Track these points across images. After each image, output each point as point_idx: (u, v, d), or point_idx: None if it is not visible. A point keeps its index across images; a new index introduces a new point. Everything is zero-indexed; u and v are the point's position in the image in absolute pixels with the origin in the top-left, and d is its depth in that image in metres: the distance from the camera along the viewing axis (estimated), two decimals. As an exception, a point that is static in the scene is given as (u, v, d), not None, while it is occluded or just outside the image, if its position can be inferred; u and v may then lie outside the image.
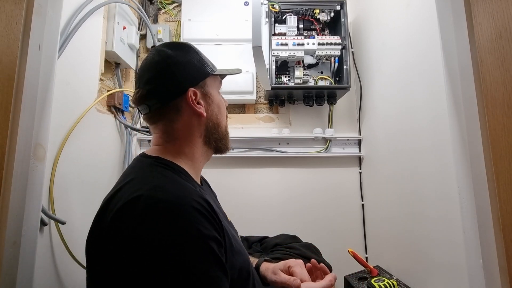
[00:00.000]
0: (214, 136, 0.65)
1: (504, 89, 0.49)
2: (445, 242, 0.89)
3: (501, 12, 0.50)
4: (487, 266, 0.54)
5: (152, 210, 0.45)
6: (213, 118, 0.64)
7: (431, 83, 0.95)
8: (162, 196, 0.47)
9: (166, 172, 0.56)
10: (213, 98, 0.65)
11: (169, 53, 0.60)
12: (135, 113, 1.48)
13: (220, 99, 0.68)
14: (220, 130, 0.66)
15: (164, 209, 0.45)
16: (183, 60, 0.61)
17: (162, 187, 0.49)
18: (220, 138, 0.66)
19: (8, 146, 0.52)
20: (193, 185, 0.56)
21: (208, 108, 0.63)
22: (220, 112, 0.66)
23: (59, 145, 0.91)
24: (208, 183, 0.80)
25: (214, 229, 0.48)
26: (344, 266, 1.20)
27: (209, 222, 0.47)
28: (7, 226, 0.52)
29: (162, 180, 0.52)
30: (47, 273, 0.86)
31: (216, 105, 0.65)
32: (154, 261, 0.42)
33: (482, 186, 0.54)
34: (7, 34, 0.53)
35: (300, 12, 1.44)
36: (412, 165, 1.07)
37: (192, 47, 0.65)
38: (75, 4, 0.98)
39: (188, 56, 0.62)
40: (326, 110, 1.58)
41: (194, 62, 0.61)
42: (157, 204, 0.46)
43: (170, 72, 0.59)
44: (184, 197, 0.48)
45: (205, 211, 0.48)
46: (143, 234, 0.44)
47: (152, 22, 1.64)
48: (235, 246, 0.55)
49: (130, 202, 0.47)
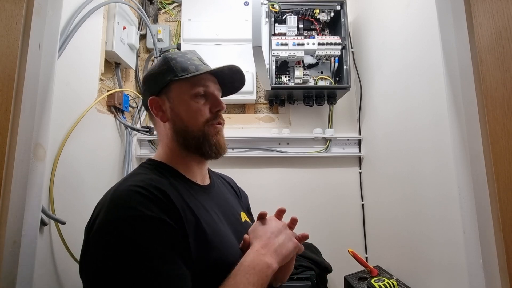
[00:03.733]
0: (185, 141, 0.64)
1: (504, 89, 0.49)
2: (445, 242, 0.89)
3: (501, 12, 0.50)
4: (487, 266, 0.54)
5: (107, 200, 0.52)
6: (178, 123, 0.64)
7: (431, 83, 0.95)
8: (118, 187, 0.54)
9: (144, 169, 0.63)
10: (176, 103, 0.64)
11: (151, 66, 0.70)
12: (135, 113, 1.48)
13: (189, 103, 0.64)
14: (189, 135, 0.63)
15: (113, 196, 0.52)
16: (153, 71, 0.67)
17: (125, 179, 0.57)
18: (191, 143, 0.64)
19: (8, 146, 0.52)
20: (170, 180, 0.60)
21: (172, 114, 0.65)
22: (189, 117, 0.63)
23: (59, 145, 0.91)
24: (228, 182, 0.83)
25: (162, 212, 0.50)
26: (344, 266, 1.20)
27: (155, 205, 0.50)
28: (7, 226, 0.52)
29: (132, 175, 0.60)
30: (47, 273, 0.86)
31: (184, 110, 0.64)
32: (101, 242, 0.48)
33: (482, 186, 0.54)
34: (7, 34, 0.53)
35: (300, 12, 1.44)
36: (412, 165, 1.07)
37: (166, 56, 0.67)
38: (75, 4, 0.98)
39: (158, 67, 0.67)
40: (326, 110, 1.58)
41: (158, 72, 0.66)
42: (112, 194, 0.53)
43: (143, 83, 0.70)
44: (132, 184, 0.53)
45: (151, 195, 0.51)
46: (99, 220, 0.50)
47: (152, 22, 1.64)
48: (212, 241, 0.55)
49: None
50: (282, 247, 0.59)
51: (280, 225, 0.63)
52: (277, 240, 0.59)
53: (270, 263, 0.55)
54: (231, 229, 0.64)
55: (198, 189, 0.65)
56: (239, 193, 0.84)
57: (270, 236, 0.60)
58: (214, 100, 0.66)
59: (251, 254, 0.56)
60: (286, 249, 0.59)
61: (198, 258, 0.52)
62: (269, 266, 0.55)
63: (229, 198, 0.76)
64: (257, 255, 0.56)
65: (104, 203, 0.52)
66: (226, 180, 0.84)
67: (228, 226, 0.63)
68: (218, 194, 0.71)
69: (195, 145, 0.64)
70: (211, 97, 0.66)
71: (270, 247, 0.58)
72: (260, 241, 0.59)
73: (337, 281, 1.34)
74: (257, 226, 0.63)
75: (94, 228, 0.49)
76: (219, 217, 0.63)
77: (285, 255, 0.58)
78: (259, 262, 0.55)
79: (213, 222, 0.59)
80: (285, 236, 0.61)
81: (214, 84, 0.68)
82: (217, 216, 0.63)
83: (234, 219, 0.68)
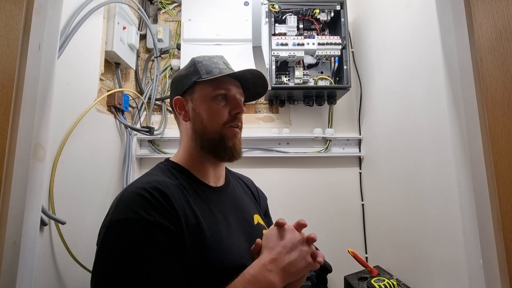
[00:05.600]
0: (203, 142, 0.65)
1: (504, 89, 0.49)
2: (445, 242, 0.89)
3: (501, 12, 0.50)
4: (487, 266, 0.54)
5: (116, 201, 0.55)
6: (197, 123, 0.66)
7: (431, 83, 0.95)
8: (128, 188, 0.56)
9: (158, 170, 0.65)
10: (198, 104, 0.66)
11: (179, 70, 0.72)
12: (135, 113, 1.48)
13: (210, 104, 0.65)
14: (207, 136, 0.65)
15: (121, 197, 0.54)
16: (181, 73, 0.70)
17: (137, 180, 0.59)
18: (207, 144, 0.65)
19: (8, 146, 0.52)
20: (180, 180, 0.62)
21: (193, 114, 0.67)
22: (209, 117, 0.65)
23: (59, 145, 0.91)
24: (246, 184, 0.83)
25: (160, 215, 0.52)
26: (344, 266, 1.20)
27: (154, 208, 0.52)
28: (7, 226, 0.52)
29: (144, 176, 0.62)
30: (47, 273, 0.86)
31: (204, 110, 0.65)
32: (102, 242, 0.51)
33: (482, 186, 0.54)
34: (7, 34, 0.53)
35: (300, 12, 1.44)
36: (412, 165, 1.07)
37: (194, 59, 0.70)
38: (75, 4, 0.99)
39: (186, 69, 0.69)
40: (326, 110, 1.58)
41: (186, 74, 0.68)
42: (120, 195, 0.55)
43: (171, 85, 0.74)
44: (138, 187, 0.54)
45: (152, 198, 0.53)
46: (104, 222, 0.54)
47: (152, 22, 1.64)
48: (211, 243, 0.55)
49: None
50: (292, 265, 0.54)
51: (296, 239, 0.57)
52: (288, 257, 0.54)
53: (274, 282, 0.51)
54: (240, 231, 0.64)
55: (208, 191, 0.66)
56: (257, 195, 0.84)
57: (281, 251, 0.55)
58: (234, 102, 0.67)
59: (256, 267, 0.53)
60: (296, 268, 0.54)
61: (195, 260, 0.52)
62: (271, 285, 0.51)
63: (244, 199, 0.75)
64: (262, 270, 0.52)
65: (113, 204, 0.55)
66: (244, 181, 0.84)
67: (236, 228, 0.64)
68: (231, 195, 0.72)
69: (210, 146, 0.65)
70: (232, 99, 0.67)
71: (279, 263, 0.53)
72: (270, 253, 0.55)
73: (337, 281, 1.34)
74: (272, 234, 0.59)
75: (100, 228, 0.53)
76: (226, 219, 0.63)
77: (293, 274, 0.54)
78: (262, 278, 0.51)
79: (216, 225, 0.59)
80: (298, 254, 0.55)
81: (237, 88, 0.69)
82: (224, 218, 0.63)
83: (244, 221, 0.68)
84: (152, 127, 1.43)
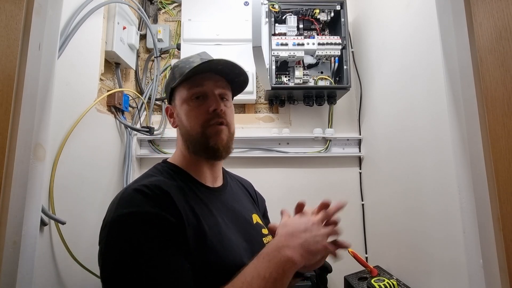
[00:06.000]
0: (190, 144, 0.66)
1: (504, 89, 0.49)
2: (445, 242, 0.89)
3: (501, 12, 0.50)
4: (487, 266, 0.54)
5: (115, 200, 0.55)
6: (182, 128, 0.68)
7: (431, 83, 0.95)
8: (127, 188, 0.56)
9: (156, 171, 0.65)
10: (179, 109, 0.68)
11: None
12: (135, 113, 1.48)
13: (185, 107, 0.65)
14: (191, 138, 0.65)
15: (121, 197, 0.54)
16: (167, 81, 0.73)
17: (136, 180, 0.60)
18: (194, 146, 0.65)
19: (8, 146, 0.52)
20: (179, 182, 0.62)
21: (178, 120, 0.69)
22: (187, 120, 0.65)
23: (59, 145, 0.91)
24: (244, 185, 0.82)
25: (163, 210, 0.52)
26: (344, 266, 1.20)
27: (156, 203, 0.52)
28: (7, 226, 0.52)
29: (143, 177, 0.62)
30: (47, 273, 0.86)
31: (183, 114, 0.66)
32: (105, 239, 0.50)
33: (482, 186, 0.54)
34: (7, 34, 0.53)
35: (300, 12, 1.44)
36: (412, 165, 1.07)
37: (172, 67, 0.72)
38: (75, 4, 0.98)
39: (169, 76, 0.71)
40: (326, 110, 1.58)
41: (168, 82, 0.71)
42: (121, 195, 0.55)
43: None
44: (138, 185, 0.54)
45: (153, 194, 0.53)
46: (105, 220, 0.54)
47: (152, 22, 1.64)
48: (212, 243, 0.55)
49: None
50: (311, 244, 0.51)
51: (311, 221, 0.55)
52: (304, 235, 0.52)
53: (291, 257, 0.48)
54: (239, 230, 0.64)
55: (206, 191, 0.66)
56: (255, 197, 0.84)
57: (298, 228, 0.53)
58: (210, 99, 0.64)
59: (272, 245, 0.51)
60: (315, 247, 0.51)
61: (197, 260, 0.52)
62: (289, 260, 0.48)
63: (242, 200, 0.75)
64: (279, 246, 0.50)
65: (113, 204, 0.55)
66: (242, 183, 0.84)
67: (235, 228, 0.63)
68: (230, 195, 0.71)
69: (198, 146, 0.65)
70: (209, 96, 0.65)
71: (296, 239, 0.51)
72: (286, 230, 0.53)
73: (337, 281, 1.34)
74: (289, 218, 0.59)
75: (102, 226, 0.53)
76: (224, 219, 0.63)
77: (312, 253, 0.51)
78: (278, 254, 0.48)
79: (216, 225, 0.59)
80: (315, 233, 0.53)
81: (215, 82, 0.66)
82: (223, 218, 0.63)
83: (243, 221, 0.68)
84: (152, 127, 1.43)
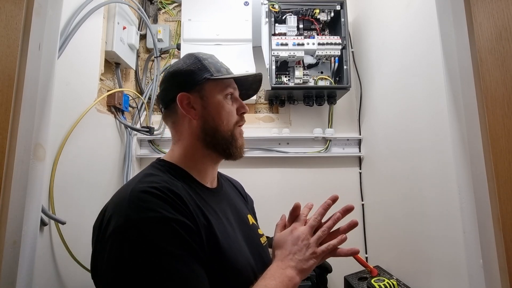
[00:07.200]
0: (214, 140, 0.65)
1: (504, 89, 0.49)
2: (445, 242, 0.89)
3: (501, 12, 0.50)
4: (487, 266, 0.54)
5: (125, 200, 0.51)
6: (209, 122, 0.64)
7: (431, 83, 0.95)
8: (134, 188, 0.52)
9: (156, 170, 0.61)
10: (210, 102, 0.65)
11: (176, 62, 0.69)
12: (135, 113, 1.48)
13: (223, 104, 0.65)
14: (219, 135, 0.64)
15: (131, 196, 0.51)
16: (183, 68, 0.66)
17: (139, 180, 0.56)
18: (219, 143, 0.65)
19: (8, 146, 0.52)
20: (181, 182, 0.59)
21: (203, 112, 0.65)
22: (219, 116, 0.64)
23: (59, 145, 0.91)
24: (235, 186, 0.83)
25: (180, 214, 0.50)
26: (344, 266, 1.20)
27: (172, 207, 0.50)
28: (7, 226, 0.52)
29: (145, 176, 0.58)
30: (47, 273, 0.86)
31: (215, 108, 0.65)
32: (122, 243, 0.47)
33: (482, 186, 0.54)
34: (7, 34, 0.53)
35: (300, 12, 1.44)
36: (412, 165, 1.07)
37: (197, 55, 0.67)
38: (75, 4, 0.98)
39: (189, 64, 0.66)
40: (326, 110, 1.58)
41: (192, 69, 0.65)
42: (129, 194, 0.51)
43: (170, 78, 0.67)
44: (148, 186, 0.52)
45: (167, 197, 0.51)
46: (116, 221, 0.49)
47: (152, 22, 1.64)
48: (223, 246, 0.55)
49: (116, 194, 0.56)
50: (303, 262, 0.59)
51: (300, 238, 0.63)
52: (297, 256, 0.60)
53: (292, 276, 0.56)
54: (240, 232, 0.64)
55: (208, 192, 0.65)
56: (246, 197, 0.85)
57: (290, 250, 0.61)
58: (240, 102, 0.69)
59: (273, 268, 0.58)
60: (308, 265, 0.60)
61: (212, 262, 0.52)
62: (291, 279, 0.56)
63: (236, 200, 0.75)
64: (279, 269, 0.57)
65: (120, 203, 0.51)
66: (233, 183, 0.84)
67: (237, 230, 0.63)
68: (226, 196, 0.72)
69: (224, 145, 0.65)
70: (237, 99, 0.69)
71: (290, 262, 0.59)
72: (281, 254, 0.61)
73: (337, 281, 1.34)
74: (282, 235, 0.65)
75: (110, 228, 0.48)
76: (228, 220, 0.63)
77: (306, 270, 0.59)
78: (281, 275, 0.56)
79: (223, 227, 0.59)
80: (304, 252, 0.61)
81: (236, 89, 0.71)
82: (227, 219, 0.63)
83: (242, 222, 0.68)
84: (152, 127, 1.43)
